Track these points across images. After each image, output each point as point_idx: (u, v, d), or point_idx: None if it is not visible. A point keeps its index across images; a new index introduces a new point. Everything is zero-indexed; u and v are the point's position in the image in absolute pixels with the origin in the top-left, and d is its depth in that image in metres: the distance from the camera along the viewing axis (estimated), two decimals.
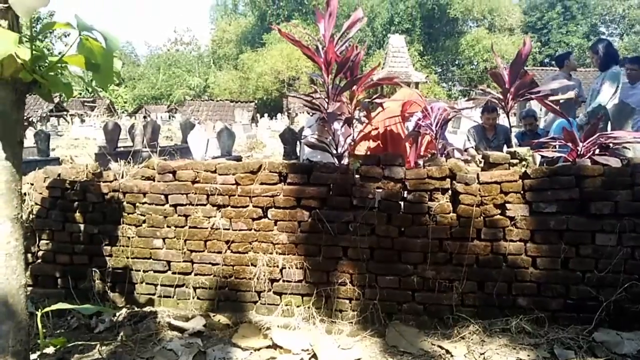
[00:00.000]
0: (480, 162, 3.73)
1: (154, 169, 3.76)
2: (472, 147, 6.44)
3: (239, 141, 15.41)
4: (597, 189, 3.15)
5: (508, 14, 38.87)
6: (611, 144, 3.77)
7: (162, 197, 3.67)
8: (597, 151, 3.66)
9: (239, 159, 7.75)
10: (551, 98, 4.82)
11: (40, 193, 3.82)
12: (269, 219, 3.53)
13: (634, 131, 4.43)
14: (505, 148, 6.34)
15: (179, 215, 3.66)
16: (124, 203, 3.73)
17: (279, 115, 31.17)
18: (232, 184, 3.58)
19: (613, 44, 5.67)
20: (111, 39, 2.06)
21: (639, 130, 5.07)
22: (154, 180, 3.74)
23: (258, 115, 30.16)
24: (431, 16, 39.46)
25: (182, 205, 3.65)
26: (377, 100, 4.59)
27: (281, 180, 3.55)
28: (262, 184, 3.55)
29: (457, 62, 43.55)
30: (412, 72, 26.32)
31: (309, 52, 4.13)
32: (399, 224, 3.36)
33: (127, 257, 3.70)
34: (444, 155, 4.46)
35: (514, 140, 6.37)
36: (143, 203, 3.71)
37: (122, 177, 3.85)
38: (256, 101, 35.68)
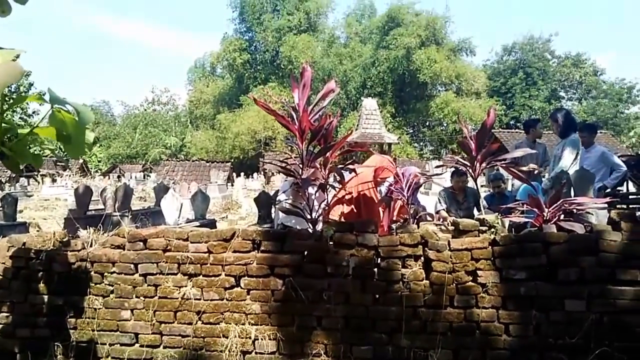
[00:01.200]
0: (452, 225, 3.79)
1: (124, 237, 3.71)
2: (444, 209, 6.56)
3: (215, 202, 15.34)
4: (564, 255, 3.23)
5: (474, 79, 40.64)
6: (575, 210, 3.89)
7: (132, 266, 3.60)
8: (562, 216, 3.77)
9: (212, 222, 7.70)
10: (519, 153, 4.99)
11: (3, 263, 3.71)
12: (241, 288, 3.49)
13: (595, 197, 4.61)
14: (475, 211, 6.48)
15: (148, 285, 3.58)
16: (92, 273, 3.64)
17: (255, 174, 31.30)
18: (205, 252, 3.55)
19: (571, 113, 5.99)
20: (84, 112, 2.10)
21: (598, 195, 5.29)
22: (123, 249, 3.68)
23: (234, 174, 30.23)
24: (402, 80, 40.95)
25: (152, 274, 3.58)
26: (350, 167, 4.68)
27: (255, 247, 3.54)
28: (235, 251, 3.53)
29: (427, 124, 44.89)
30: (384, 134, 26.97)
31: (284, 120, 4.22)
32: (373, 292, 3.36)
33: (93, 330, 3.57)
34: (416, 220, 4.53)
35: (483, 203, 6.52)
36: (112, 273, 3.62)
37: (91, 246, 3.77)
38: (233, 160, 35.83)
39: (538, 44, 50.26)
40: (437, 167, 6.71)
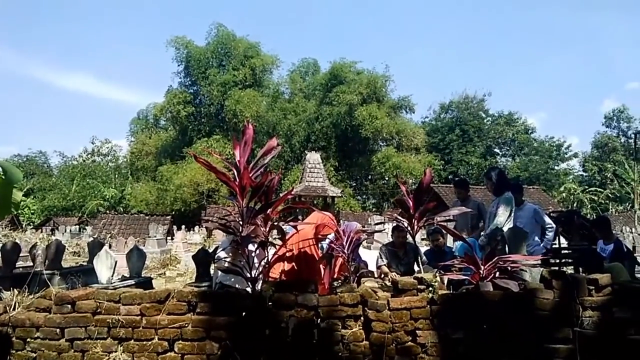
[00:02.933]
0: (391, 284, 3.81)
1: (51, 300, 3.48)
2: (385, 265, 6.60)
3: (153, 257, 14.76)
4: (500, 313, 3.29)
5: (413, 135, 42.22)
6: (509, 267, 4.01)
7: (58, 330, 3.37)
8: (497, 274, 3.87)
9: (148, 281, 7.37)
10: (455, 211, 5.11)
11: None
12: (175, 352, 3.32)
13: (528, 254, 4.79)
14: (415, 266, 6.56)
15: (75, 351, 3.34)
16: (13, 339, 3.37)
17: (196, 227, 30.53)
18: (137, 315, 3.37)
19: (504, 171, 6.26)
20: (12, 172, 2.06)
21: (532, 253, 5.49)
22: (50, 312, 3.44)
23: (175, 227, 29.37)
24: (345, 135, 41.94)
25: (79, 339, 3.36)
26: (291, 224, 4.66)
27: (190, 309, 3.40)
28: (169, 314, 3.37)
29: (369, 177, 45.82)
30: (328, 187, 27.25)
31: (224, 177, 4.19)
32: (313, 354, 3.27)
33: None
34: (357, 277, 4.52)
35: (423, 258, 6.62)
36: (35, 338, 3.37)
37: (14, 309, 3.51)
38: (174, 213, 34.87)
39: (473, 103, 53.13)
40: (377, 223, 6.80)
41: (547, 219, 6.42)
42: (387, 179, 42.12)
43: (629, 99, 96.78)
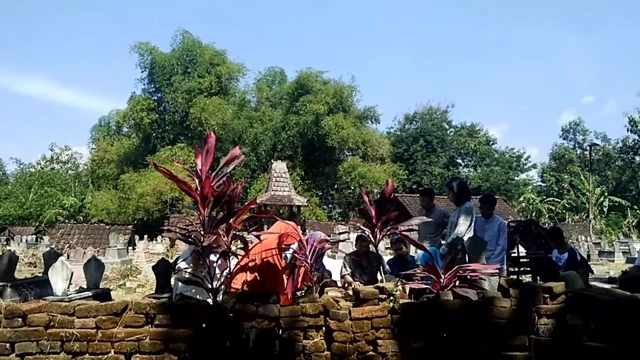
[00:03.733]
0: (353, 294, 3.81)
1: (1, 313, 3.34)
2: (348, 274, 6.62)
3: (113, 267, 14.39)
4: (459, 322, 3.34)
5: (379, 146, 42.72)
6: (469, 276, 4.08)
7: (8, 345, 3.23)
8: (457, 282, 3.93)
9: (107, 292, 7.17)
10: (416, 221, 5.16)
11: None
12: None
13: (487, 263, 4.89)
14: (378, 275, 6.61)
15: None
16: None
17: (159, 237, 29.93)
18: (92, 328, 3.27)
19: (465, 182, 6.38)
20: None
21: (494, 263, 5.61)
22: None
23: (137, 237, 28.73)
24: (311, 144, 42.05)
25: (30, 354, 3.23)
26: (254, 233, 4.63)
27: (148, 322, 3.32)
28: (126, 326, 3.28)
29: (335, 187, 45.99)
30: (294, 196, 27.20)
31: (185, 186, 4.13)
32: None
33: None
34: (319, 287, 4.52)
35: (386, 267, 6.68)
36: None
37: None
38: (136, 222, 34.10)
39: (437, 115, 54.12)
40: (341, 232, 6.83)
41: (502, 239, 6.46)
42: (353, 188, 42.39)
43: (585, 112, 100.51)
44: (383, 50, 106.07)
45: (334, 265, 7.63)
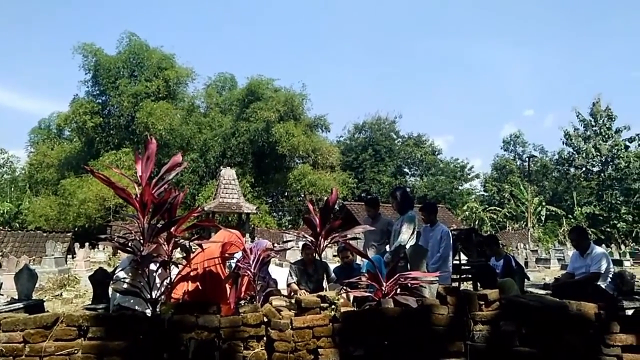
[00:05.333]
0: (295, 303, 3.80)
1: None
2: (294, 283, 6.61)
3: (50, 277, 13.74)
4: (399, 329, 3.39)
5: (329, 154, 43.00)
6: (410, 284, 4.16)
7: None
8: (399, 290, 4.00)
9: (39, 304, 6.83)
10: (360, 229, 5.21)
11: None
12: None
13: (431, 270, 5.02)
14: (324, 283, 6.63)
15: None
16: None
17: (101, 245, 28.83)
18: (19, 342, 3.10)
19: (408, 191, 6.52)
20: None
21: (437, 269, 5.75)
22: None
23: (77, 245, 27.58)
24: (262, 152, 41.84)
25: None
26: (197, 242, 4.54)
27: (81, 334, 3.19)
28: (57, 340, 3.13)
29: (286, 194, 45.94)
30: (243, 203, 26.98)
31: (123, 194, 4.00)
32: None
33: None
34: (263, 296, 4.48)
35: (332, 275, 6.72)
36: None
37: None
38: (76, 229, 32.78)
39: (385, 125, 55.19)
40: (286, 241, 6.80)
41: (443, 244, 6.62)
42: (303, 196, 42.45)
43: (526, 125, 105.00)
44: (333, 61, 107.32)
45: (282, 274, 7.60)
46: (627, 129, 50.07)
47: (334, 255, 14.77)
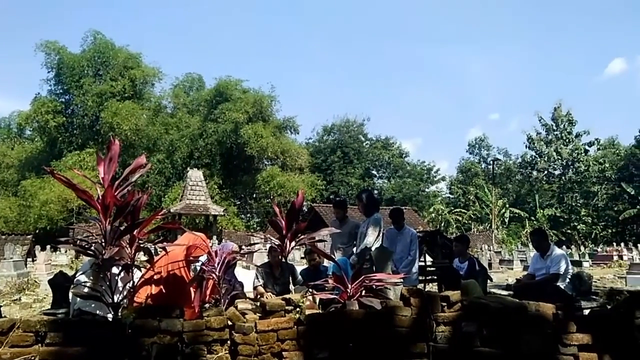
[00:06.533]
0: (260, 306, 3.79)
1: None
2: (261, 285, 6.59)
3: (8, 281, 13.31)
4: (363, 331, 3.42)
5: (297, 156, 42.96)
6: (374, 286, 4.21)
7: None
8: (364, 292, 4.04)
9: None
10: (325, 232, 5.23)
11: None
12: None
13: (400, 272, 5.07)
14: (291, 285, 6.64)
15: None
16: None
17: (62, 247, 28.05)
18: None
19: (374, 194, 6.60)
20: None
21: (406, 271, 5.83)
22: None
23: (38, 247, 26.77)
24: (230, 153, 41.51)
25: None
26: (160, 245, 4.48)
27: (38, 340, 3.10)
28: (12, 346, 3.04)
29: (254, 196, 45.71)
30: (210, 205, 26.72)
31: (84, 195, 3.91)
32: None
33: None
34: (228, 299, 4.45)
35: (299, 277, 6.74)
36: None
37: None
38: (37, 232, 31.79)
39: (353, 127, 55.56)
40: (252, 244, 6.77)
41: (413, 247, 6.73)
42: (271, 197, 42.32)
43: (491, 129, 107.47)
44: (302, 63, 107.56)
45: (249, 277, 7.56)
46: (587, 134, 52.00)
47: (302, 258, 14.77)
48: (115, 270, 4.16)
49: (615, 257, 24.93)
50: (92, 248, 4.10)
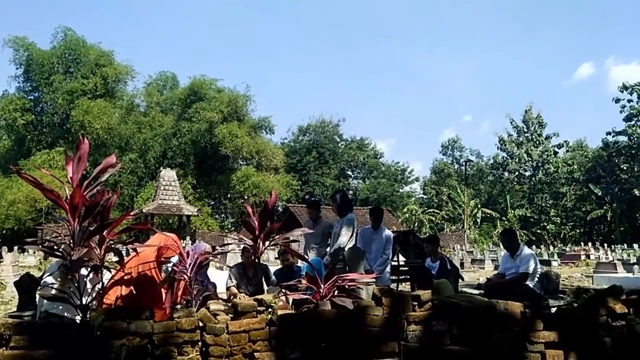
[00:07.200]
0: (232, 307, 3.77)
1: None
2: (234, 286, 6.55)
3: None
4: (336, 331, 3.43)
5: (273, 156, 42.83)
6: (347, 286, 4.23)
7: None
8: (336, 292, 4.05)
9: None
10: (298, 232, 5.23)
11: None
12: None
13: (374, 272, 5.11)
14: (265, 285, 6.62)
15: None
16: None
17: (30, 248, 27.35)
18: None
19: (347, 194, 6.65)
20: None
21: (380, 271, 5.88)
22: None
23: (5, 248, 26.07)
24: (204, 153, 41.12)
25: None
26: (131, 246, 4.42)
27: (3, 344, 3.02)
28: None
29: (229, 196, 45.40)
30: (183, 205, 26.47)
31: (52, 196, 3.84)
32: None
33: None
34: (200, 301, 4.41)
35: (273, 278, 6.72)
36: None
37: None
38: (5, 232, 30.99)
39: (329, 127, 55.70)
40: (224, 244, 6.73)
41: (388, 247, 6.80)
42: (246, 197, 42.09)
43: (464, 130, 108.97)
44: (278, 63, 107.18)
45: (222, 278, 7.51)
46: (557, 136, 53.42)
47: (276, 258, 14.74)
48: (83, 271, 4.10)
49: (582, 257, 25.59)
50: (60, 249, 4.02)
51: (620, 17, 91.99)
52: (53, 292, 4.03)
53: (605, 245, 34.66)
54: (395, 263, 7.62)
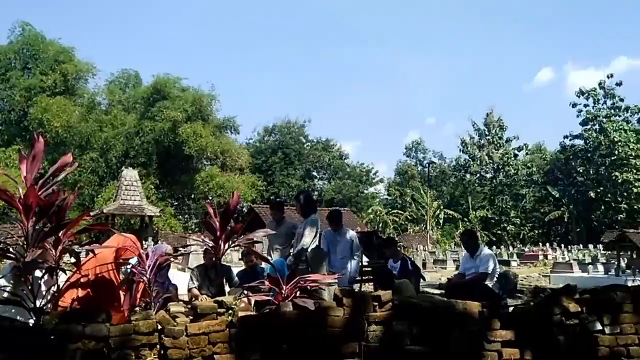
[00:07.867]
0: (191, 309, 3.73)
1: None
2: (195, 287, 6.48)
3: None
4: (297, 332, 3.43)
5: (238, 156, 42.41)
6: (309, 287, 4.24)
7: None
8: (298, 293, 4.06)
9: None
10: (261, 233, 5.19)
11: None
12: None
13: (328, 273, 5.13)
14: (227, 287, 6.58)
15: None
16: None
17: None
18: None
19: (312, 195, 6.66)
20: None
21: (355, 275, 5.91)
22: None
23: None
24: (167, 152, 40.38)
25: None
26: (88, 247, 4.31)
27: None
28: None
29: (193, 196, 44.75)
30: (145, 205, 25.92)
31: (4, 195, 3.71)
32: None
33: None
34: (160, 303, 4.34)
35: (235, 279, 6.69)
36: None
37: None
38: None
39: (294, 128, 55.67)
40: (185, 246, 6.66)
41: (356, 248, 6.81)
42: (210, 198, 41.59)
43: (428, 132, 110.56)
44: (243, 63, 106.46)
45: (184, 279, 7.42)
46: (517, 139, 54.97)
47: (240, 259, 14.64)
48: (38, 273, 3.99)
49: (540, 257, 26.42)
50: (13, 250, 3.90)
51: (578, 23, 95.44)
52: (5, 295, 3.89)
53: (562, 245, 35.75)
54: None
